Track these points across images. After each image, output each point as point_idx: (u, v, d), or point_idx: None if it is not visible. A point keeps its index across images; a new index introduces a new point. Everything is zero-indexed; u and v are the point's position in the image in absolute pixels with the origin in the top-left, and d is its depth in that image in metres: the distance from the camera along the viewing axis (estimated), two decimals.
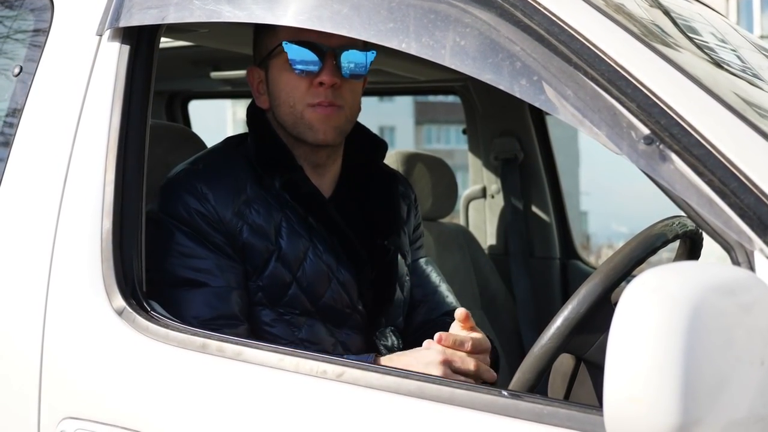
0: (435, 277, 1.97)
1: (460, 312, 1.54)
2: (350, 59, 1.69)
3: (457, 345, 1.50)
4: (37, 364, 1.47)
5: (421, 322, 1.90)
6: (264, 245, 1.67)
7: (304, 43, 1.67)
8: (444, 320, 1.90)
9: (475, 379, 1.49)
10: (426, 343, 1.52)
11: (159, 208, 1.66)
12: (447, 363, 1.47)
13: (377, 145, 1.89)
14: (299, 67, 1.68)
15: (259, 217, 1.67)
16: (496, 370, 1.62)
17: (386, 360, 1.54)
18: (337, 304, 1.71)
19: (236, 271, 1.65)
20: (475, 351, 1.51)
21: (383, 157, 1.93)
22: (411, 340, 1.89)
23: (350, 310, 1.73)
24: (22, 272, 1.53)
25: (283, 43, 1.68)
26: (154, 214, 1.65)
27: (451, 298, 1.96)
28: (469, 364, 1.49)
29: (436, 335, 1.49)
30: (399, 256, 1.84)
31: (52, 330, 1.47)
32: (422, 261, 1.97)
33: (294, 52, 1.68)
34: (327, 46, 1.67)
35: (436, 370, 1.45)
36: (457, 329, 1.56)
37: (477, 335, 1.54)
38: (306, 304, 1.69)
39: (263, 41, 1.77)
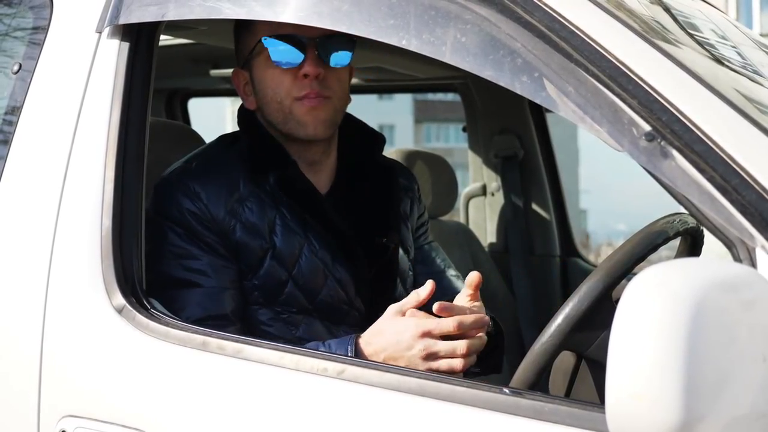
0: (440, 261, 1.95)
1: (472, 277, 1.51)
2: (332, 48, 1.67)
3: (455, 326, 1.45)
4: (36, 362, 1.47)
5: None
6: (258, 243, 1.66)
7: (283, 37, 1.65)
8: None
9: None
10: (412, 296, 1.48)
11: (152, 207, 1.65)
12: (431, 356, 1.44)
13: (374, 138, 1.88)
14: (281, 61, 1.66)
15: (253, 215, 1.66)
16: (500, 355, 1.62)
17: (364, 342, 1.50)
18: (334, 301, 1.70)
19: (229, 271, 1.64)
20: (473, 328, 1.47)
21: (381, 150, 1.91)
22: None
23: (348, 307, 1.72)
24: (22, 270, 1.52)
25: (262, 39, 1.67)
26: (148, 213, 1.63)
27: (458, 283, 1.93)
28: (455, 364, 1.44)
29: (436, 306, 1.44)
30: (401, 252, 1.83)
31: (51, 328, 1.47)
32: (428, 246, 1.96)
33: (274, 46, 1.66)
34: (307, 37, 1.65)
35: (419, 361, 1.43)
36: (463, 299, 1.53)
37: (475, 310, 1.51)
38: (303, 302, 1.68)
39: (243, 42, 1.75)
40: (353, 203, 1.80)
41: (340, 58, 1.69)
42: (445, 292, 1.90)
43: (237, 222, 1.65)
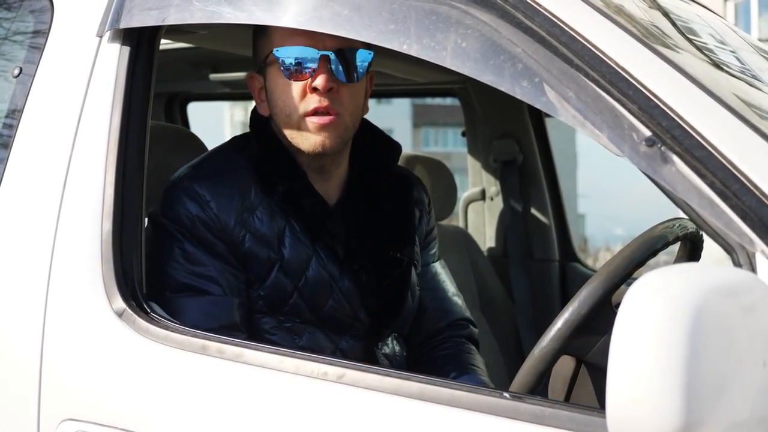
0: (444, 283, 1.93)
1: None
2: (346, 62, 1.62)
3: None
4: (36, 365, 1.46)
5: (427, 332, 1.87)
6: (267, 254, 1.64)
7: (296, 49, 1.61)
8: (454, 340, 1.87)
9: None
10: None
11: (162, 211, 1.63)
12: None
13: (390, 147, 1.83)
14: (292, 73, 1.62)
15: (263, 225, 1.64)
16: None
17: None
18: (338, 313, 1.68)
19: (238, 280, 1.62)
20: None
21: (396, 160, 1.86)
22: (417, 350, 1.86)
23: (351, 319, 1.70)
24: (22, 274, 1.52)
25: (274, 50, 1.63)
26: (157, 217, 1.63)
27: (459, 305, 1.92)
28: None
29: None
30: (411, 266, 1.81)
31: (52, 332, 1.47)
32: (434, 266, 1.92)
33: (286, 58, 1.61)
34: (319, 50, 1.60)
35: None
36: None
37: None
38: (307, 313, 1.66)
39: (259, 48, 1.70)
40: (365, 213, 1.77)
41: (353, 73, 1.64)
42: (444, 315, 1.89)
43: (247, 232, 1.63)
